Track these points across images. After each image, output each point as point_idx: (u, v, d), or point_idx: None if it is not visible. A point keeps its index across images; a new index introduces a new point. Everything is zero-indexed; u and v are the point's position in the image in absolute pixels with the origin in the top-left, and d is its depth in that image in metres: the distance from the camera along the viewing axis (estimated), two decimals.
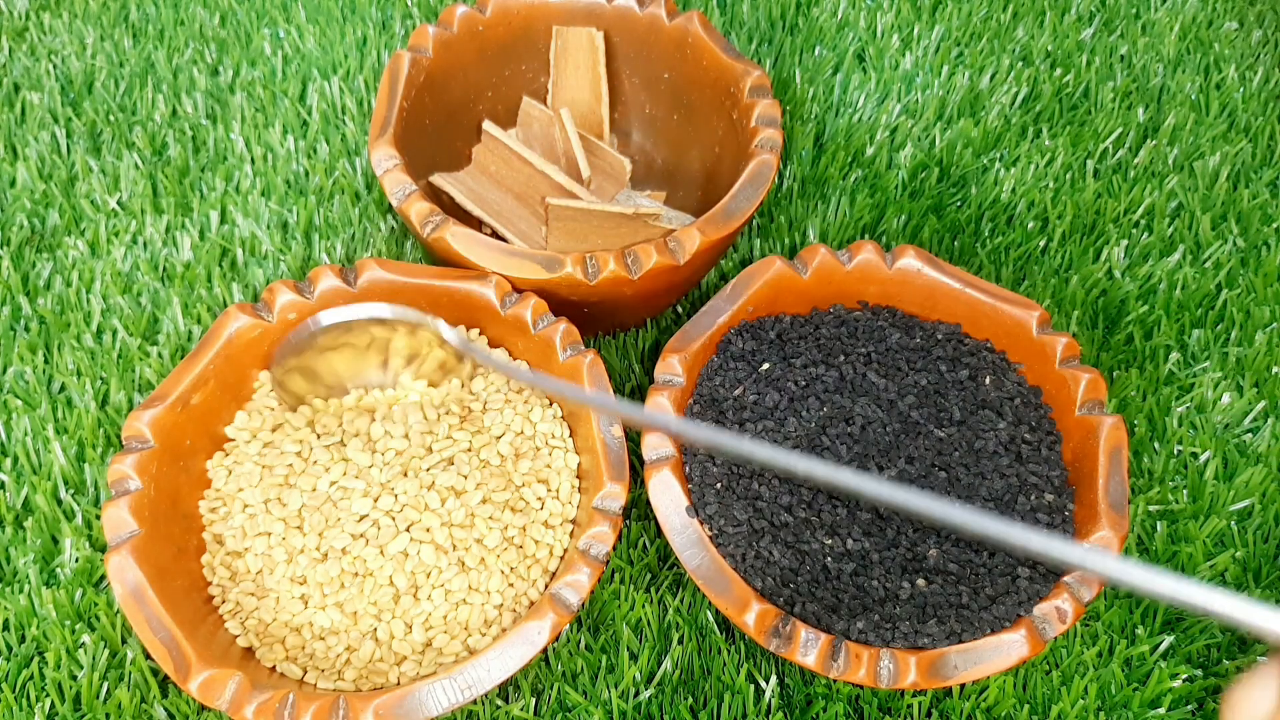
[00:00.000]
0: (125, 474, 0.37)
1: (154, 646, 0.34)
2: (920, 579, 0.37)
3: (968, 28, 0.62)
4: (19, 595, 0.40)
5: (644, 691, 0.39)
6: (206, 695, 0.33)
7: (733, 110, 0.48)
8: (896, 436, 0.40)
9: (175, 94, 0.57)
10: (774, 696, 0.39)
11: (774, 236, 0.53)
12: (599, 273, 0.41)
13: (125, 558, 0.35)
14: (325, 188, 0.53)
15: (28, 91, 0.57)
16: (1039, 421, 0.41)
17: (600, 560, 0.36)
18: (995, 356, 0.43)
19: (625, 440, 0.39)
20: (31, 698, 0.38)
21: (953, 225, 0.53)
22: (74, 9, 0.62)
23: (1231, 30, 0.64)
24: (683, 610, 0.41)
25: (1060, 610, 0.35)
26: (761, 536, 0.37)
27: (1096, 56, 0.61)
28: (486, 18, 0.50)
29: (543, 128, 0.51)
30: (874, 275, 0.44)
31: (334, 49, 0.59)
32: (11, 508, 0.42)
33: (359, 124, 0.56)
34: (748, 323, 0.43)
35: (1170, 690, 0.39)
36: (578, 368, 0.40)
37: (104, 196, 0.53)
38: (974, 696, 0.39)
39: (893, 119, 0.58)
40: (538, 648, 0.34)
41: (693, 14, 0.49)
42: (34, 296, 0.49)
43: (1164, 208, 0.54)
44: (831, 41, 0.61)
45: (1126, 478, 0.38)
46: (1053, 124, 0.58)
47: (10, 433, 0.44)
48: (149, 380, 0.46)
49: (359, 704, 0.33)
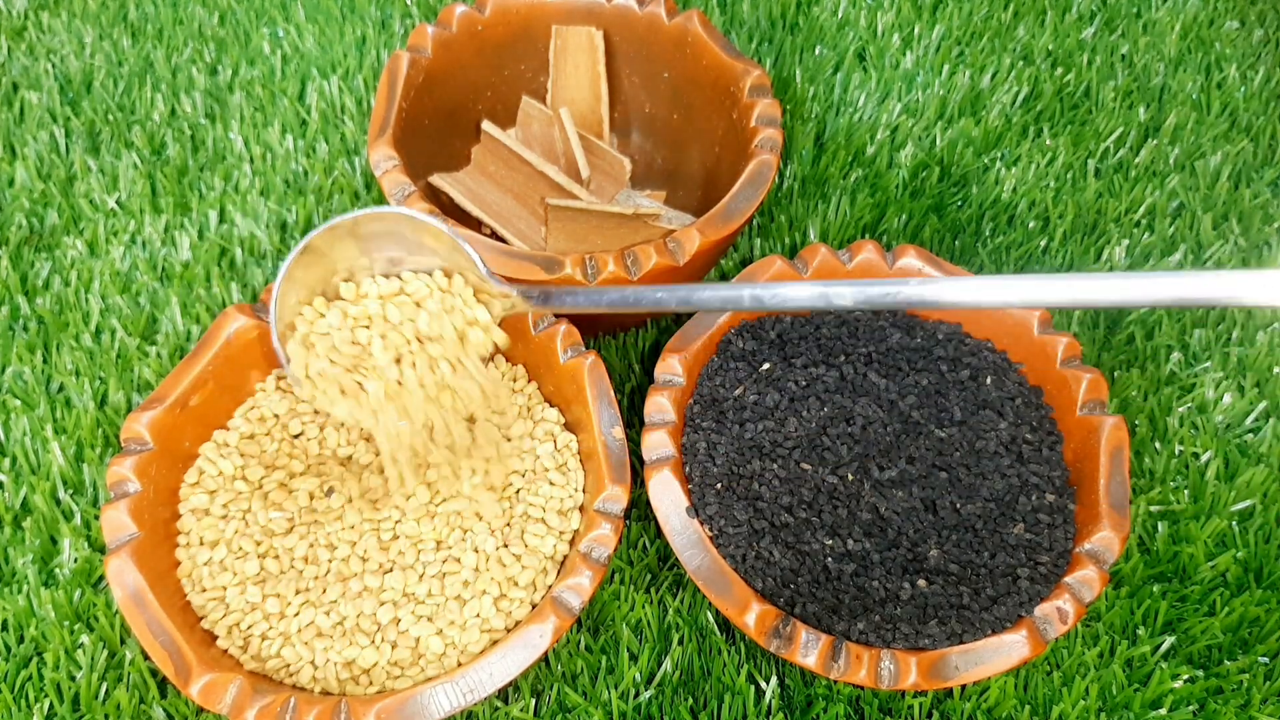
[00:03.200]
0: (124, 476, 0.37)
1: (154, 650, 0.34)
2: (921, 580, 0.37)
3: (968, 27, 0.62)
4: (17, 596, 0.40)
5: (644, 692, 0.39)
6: (207, 699, 0.33)
7: (733, 110, 0.48)
8: (897, 436, 0.40)
9: (174, 93, 0.57)
10: (774, 697, 0.39)
11: (774, 236, 0.52)
12: (599, 273, 0.41)
13: (125, 561, 0.35)
14: (324, 187, 0.53)
15: (26, 91, 0.57)
16: (1040, 422, 0.41)
17: (602, 563, 0.36)
18: (996, 356, 0.43)
19: (626, 441, 0.39)
20: (30, 698, 0.38)
21: (953, 225, 0.53)
22: (73, 8, 0.61)
23: (1233, 29, 0.63)
24: (683, 611, 0.41)
25: (1061, 611, 0.35)
26: (762, 537, 0.37)
27: (1097, 56, 0.61)
28: (485, 17, 0.50)
29: (542, 127, 0.50)
30: (875, 275, 0.44)
31: (333, 48, 0.59)
32: (10, 508, 0.42)
33: (358, 123, 0.56)
34: (748, 322, 0.43)
35: (1171, 691, 0.39)
36: (578, 369, 0.40)
37: (103, 196, 0.52)
38: (975, 697, 0.39)
39: (893, 118, 0.58)
40: (539, 651, 0.34)
41: (692, 13, 0.49)
42: (32, 296, 0.49)
43: (1165, 207, 0.54)
44: (832, 40, 0.61)
45: (1128, 478, 0.38)
46: (1054, 123, 0.58)
47: (9, 433, 0.44)
48: (148, 380, 0.46)
49: (361, 708, 0.33)
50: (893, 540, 0.38)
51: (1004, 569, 0.37)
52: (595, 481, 0.39)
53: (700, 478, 0.39)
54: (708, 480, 0.39)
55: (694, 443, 0.40)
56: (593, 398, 0.39)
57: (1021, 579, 0.37)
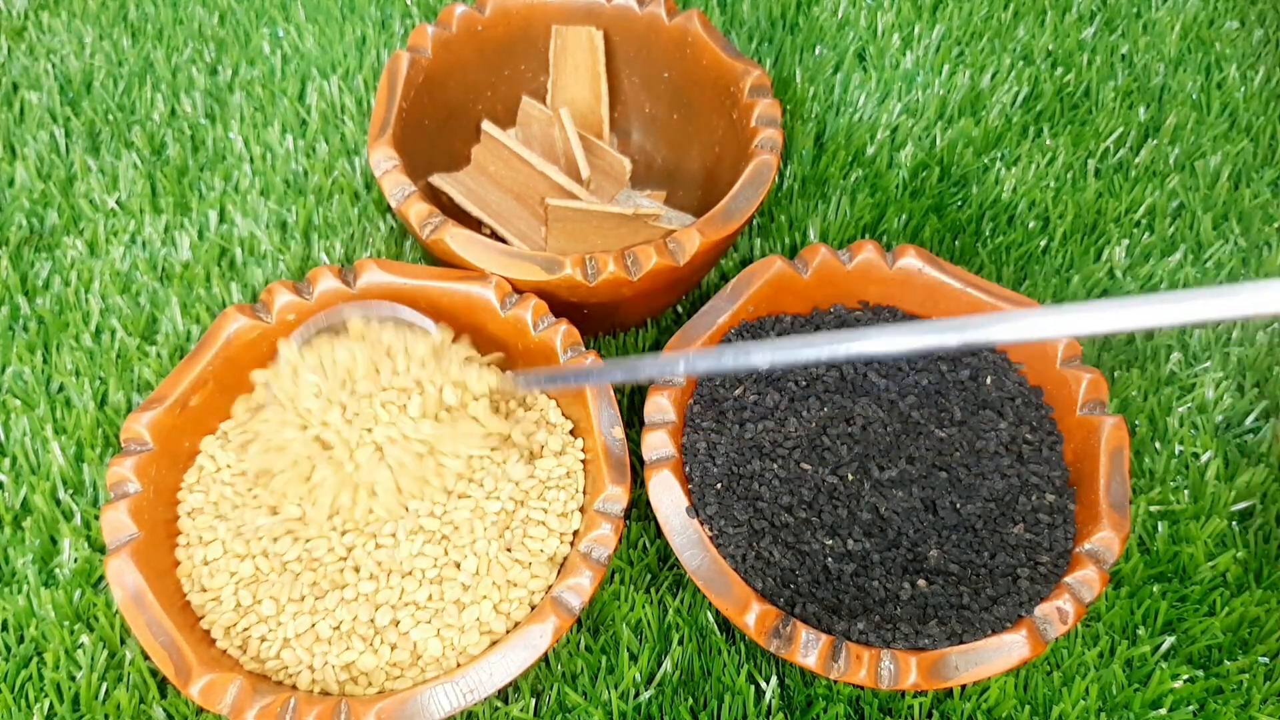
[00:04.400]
0: (124, 476, 0.37)
1: (154, 650, 0.34)
2: (921, 580, 0.37)
3: (968, 27, 0.62)
4: (17, 596, 0.40)
5: (644, 692, 0.39)
6: (208, 700, 0.33)
7: (733, 110, 0.48)
8: (897, 436, 0.40)
9: (174, 93, 0.57)
10: (774, 697, 0.39)
11: (774, 236, 0.52)
12: (598, 274, 0.41)
13: (125, 561, 0.35)
14: (324, 187, 0.53)
15: (26, 91, 0.57)
16: (1040, 421, 0.41)
17: (602, 563, 0.36)
18: (996, 356, 0.43)
19: (626, 442, 0.39)
20: (30, 698, 0.38)
21: (953, 225, 0.53)
22: (73, 8, 0.61)
23: (1233, 29, 0.63)
24: (683, 611, 0.41)
25: (1061, 611, 0.35)
26: (762, 537, 0.37)
27: (1097, 56, 0.61)
28: (485, 17, 0.50)
29: (542, 128, 0.50)
30: (875, 275, 0.44)
31: (333, 48, 0.59)
32: (10, 508, 0.42)
33: (358, 123, 0.56)
34: (748, 322, 0.43)
35: (1171, 691, 0.39)
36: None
37: (103, 196, 0.52)
38: (975, 697, 0.39)
39: (893, 118, 0.58)
40: (539, 651, 0.34)
41: (692, 13, 0.49)
42: (33, 296, 0.49)
43: (1165, 207, 0.54)
44: (832, 40, 0.61)
45: (1128, 478, 0.38)
46: (1054, 123, 0.58)
47: (9, 433, 0.44)
48: (148, 380, 0.46)
49: (361, 708, 0.33)
50: (893, 540, 0.38)
51: (1004, 569, 0.37)
52: (595, 482, 0.39)
53: (700, 478, 0.39)
54: (708, 480, 0.39)
55: (694, 443, 0.40)
56: (593, 398, 0.39)
57: (1021, 579, 0.37)
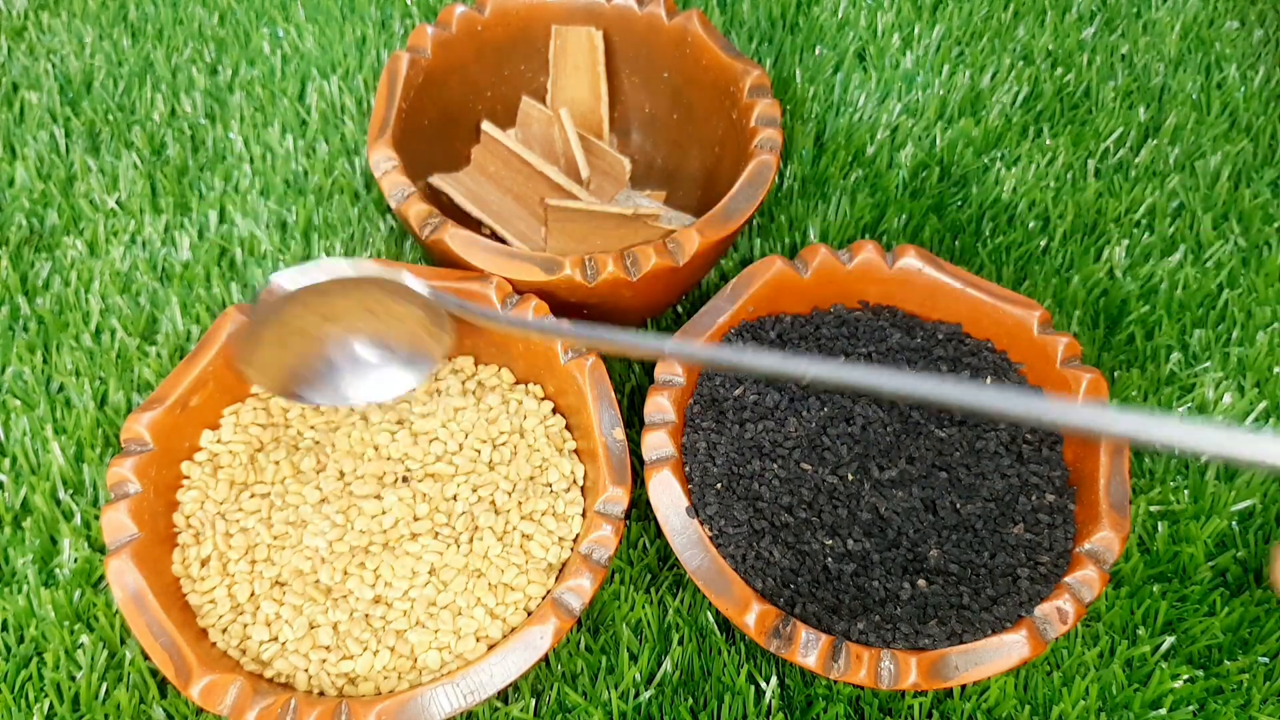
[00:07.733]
0: (124, 477, 0.37)
1: (154, 651, 0.34)
2: (921, 580, 0.37)
3: (968, 27, 0.62)
4: (17, 596, 0.40)
5: (644, 692, 0.39)
6: (208, 701, 0.33)
7: (732, 110, 0.48)
8: (897, 436, 0.40)
9: (174, 93, 0.57)
10: (774, 697, 0.39)
11: (774, 236, 0.52)
12: (598, 274, 0.41)
13: (125, 562, 0.35)
14: (324, 187, 0.53)
15: (26, 91, 0.57)
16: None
17: (602, 565, 0.36)
18: (996, 357, 0.43)
19: (626, 443, 0.39)
20: (30, 698, 0.38)
21: (953, 225, 0.53)
22: (72, 8, 0.61)
23: (1233, 29, 0.63)
24: (683, 611, 0.41)
25: (1061, 611, 0.35)
26: (762, 537, 0.37)
27: (1097, 56, 0.61)
28: (485, 17, 0.50)
29: (542, 128, 0.50)
30: (875, 275, 0.44)
31: (333, 48, 0.59)
32: (10, 508, 0.42)
33: (358, 123, 0.56)
34: (748, 322, 0.43)
35: (1172, 691, 0.39)
36: (579, 369, 0.40)
37: (102, 196, 0.52)
38: (975, 697, 0.39)
39: (893, 118, 0.58)
40: (540, 653, 0.34)
41: (692, 13, 0.49)
42: (32, 296, 0.49)
43: (1165, 207, 0.54)
44: (832, 40, 0.61)
45: (1128, 478, 0.38)
46: (1054, 123, 0.58)
47: (9, 433, 0.44)
48: (148, 380, 0.46)
49: (361, 709, 0.33)
50: (893, 540, 0.38)
51: (1004, 569, 0.37)
52: (596, 483, 0.39)
53: (700, 478, 0.39)
54: (708, 480, 0.39)
55: (694, 443, 0.40)
56: (593, 399, 0.39)
57: (1021, 579, 0.37)
